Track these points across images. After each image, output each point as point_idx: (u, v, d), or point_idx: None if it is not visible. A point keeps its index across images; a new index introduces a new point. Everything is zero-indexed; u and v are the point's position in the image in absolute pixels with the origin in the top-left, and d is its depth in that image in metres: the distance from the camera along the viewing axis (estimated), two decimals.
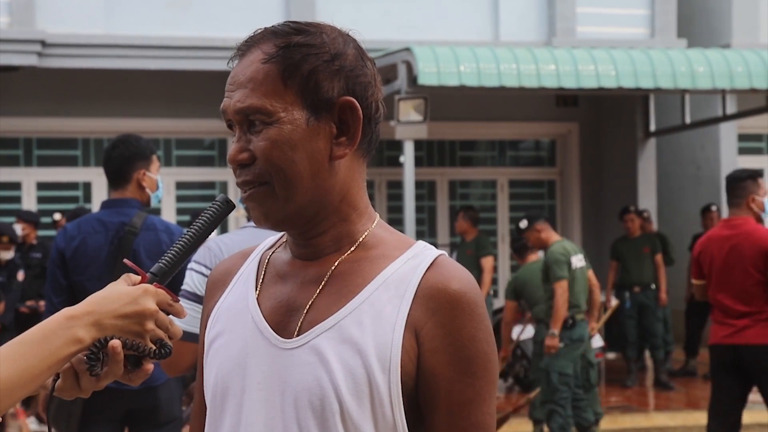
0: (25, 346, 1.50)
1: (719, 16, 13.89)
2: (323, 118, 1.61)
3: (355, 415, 1.56)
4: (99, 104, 12.68)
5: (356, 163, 1.66)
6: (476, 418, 1.59)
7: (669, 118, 13.67)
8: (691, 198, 14.16)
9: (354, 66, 1.63)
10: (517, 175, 14.44)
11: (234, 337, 1.67)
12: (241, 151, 1.62)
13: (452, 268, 1.62)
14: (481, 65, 10.15)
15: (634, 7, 12.90)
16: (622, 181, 13.83)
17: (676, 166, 14.61)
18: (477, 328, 1.58)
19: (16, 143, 12.87)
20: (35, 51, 11.30)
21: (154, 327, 1.58)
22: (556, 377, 7.95)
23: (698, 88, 10.79)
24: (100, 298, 1.56)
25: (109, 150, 4.61)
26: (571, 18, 12.52)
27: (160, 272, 1.63)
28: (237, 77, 1.63)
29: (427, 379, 1.58)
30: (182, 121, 12.98)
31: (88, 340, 1.54)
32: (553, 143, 14.65)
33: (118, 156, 4.57)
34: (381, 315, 1.58)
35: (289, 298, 1.65)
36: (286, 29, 1.63)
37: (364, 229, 1.67)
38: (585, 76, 10.37)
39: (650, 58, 10.60)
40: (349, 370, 1.56)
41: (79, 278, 4.48)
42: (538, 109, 13.91)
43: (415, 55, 10.00)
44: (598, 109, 14.31)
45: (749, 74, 10.70)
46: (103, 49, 11.55)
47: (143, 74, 12.17)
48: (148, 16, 11.76)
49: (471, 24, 12.45)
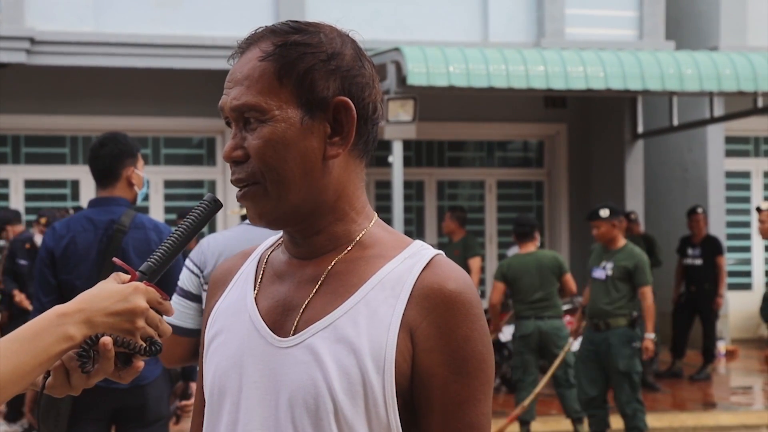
0: (16, 343, 1.50)
1: (707, 19, 13.94)
2: (317, 117, 1.61)
3: (349, 414, 1.56)
4: (88, 102, 12.66)
5: (352, 163, 1.66)
6: (471, 418, 1.59)
7: (657, 120, 13.72)
8: (678, 200, 14.20)
9: (351, 66, 1.63)
10: (505, 176, 14.46)
11: (232, 336, 1.68)
12: (235, 148, 1.62)
13: (448, 268, 1.62)
14: (470, 66, 10.17)
15: (623, 9, 12.94)
16: (609, 182, 13.87)
17: (664, 168, 14.66)
18: (472, 328, 1.59)
19: (4, 140, 12.85)
20: (24, 48, 11.28)
21: (144, 324, 1.59)
22: (637, 377, 8.09)
23: (686, 90, 10.82)
24: (90, 296, 1.57)
25: (96, 148, 4.57)
26: (560, 19, 12.55)
27: (149, 271, 1.63)
28: (235, 75, 1.64)
29: (421, 379, 1.58)
30: (171, 120, 12.97)
31: (79, 337, 1.54)
32: (542, 144, 14.68)
33: (108, 154, 4.55)
34: (376, 315, 1.58)
35: (286, 297, 1.65)
36: (285, 28, 1.64)
37: (361, 229, 1.67)
38: (574, 78, 10.40)
39: (639, 60, 10.63)
40: (343, 370, 1.56)
41: (68, 277, 4.47)
42: (526, 110, 13.93)
43: (405, 56, 10.01)
44: (586, 110, 14.34)
45: (737, 77, 10.74)
46: (92, 47, 11.53)
47: (132, 72, 12.15)
48: (137, 15, 11.75)
49: (460, 25, 12.47)
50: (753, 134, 14.88)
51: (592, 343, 8.22)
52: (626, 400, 8.06)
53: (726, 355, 13.42)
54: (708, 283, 11.95)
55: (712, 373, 12.25)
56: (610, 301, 8.09)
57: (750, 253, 15.09)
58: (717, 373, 12.49)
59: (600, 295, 8.15)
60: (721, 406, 10.64)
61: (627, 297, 8.10)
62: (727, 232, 14.34)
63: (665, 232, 13.89)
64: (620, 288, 8.09)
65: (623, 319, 8.08)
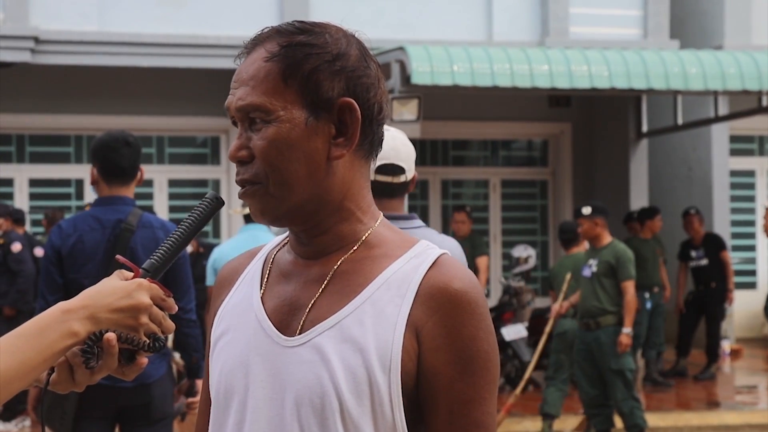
0: (21, 339, 1.51)
1: (712, 18, 13.92)
2: (322, 118, 1.62)
3: (355, 414, 1.56)
4: (92, 101, 12.67)
5: (358, 163, 1.66)
6: (476, 417, 1.59)
7: (661, 118, 13.70)
8: (682, 199, 14.19)
9: (356, 67, 1.64)
10: (509, 175, 14.46)
11: (238, 335, 1.68)
12: (240, 148, 1.63)
13: (454, 267, 1.62)
14: (475, 65, 10.17)
15: (627, 8, 12.93)
16: (614, 181, 13.86)
17: (668, 167, 14.65)
18: (478, 327, 1.59)
19: (8, 140, 12.86)
20: (28, 47, 11.29)
21: (148, 321, 1.59)
22: (630, 375, 8.11)
23: (690, 89, 10.81)
24: (94, 293, 1.58)
25: (119, 146, 4.52)
26: (564, 18, 12.54)
27: (152, 268, 1.64)
28: (241, 75, 1.64)
29: (427, 379, 1.58)
30: (175, 119, 12.98)
31: (83, 333, 1.55)
32: (546, 143, 14.67)
33: (131, 153, 4.54)
34: (382, 314, 1.59)
35: (292, 296, 1.66)
36: (290, 28, 1.64)
37: (366, 228, 1.67)
38: (578, 77, 10.39)
39: (643, 59, 10.62)
40: (349, 370, 1.57)
41: (76, 276, 4.47)
42: (530, 109, 13.92)
43: (409, 55, 10.01)
44: (590, 109, 14.34)
45: (741, 75, 10.73)
46: (96, 46, 11.54)
47: (136, 71, 12.16)
48: (141, 14, 11.76)
49: (464, 24, 12.47)
50: (757, 133, 14.86)
51: (585, 342, 8.26)
52: (621, 398, 8.07)
53: (730, 354, 13.41)
54: (715, 282, 11.92)
55: (716, 372, 12.24)
56: (597, 299, 8.13)
57: (755, 252, 15.07)
58: (721, 373, 12.48)
59: (588, 294, 8.20)
60: (726, 406, 10.63)
61: (614, 294, 8.10)
62: (732, 231, 14.33)
63: (670, 230, 13.87)
64: (606, 285, 8.11)
65: (612, 317, 8.09)
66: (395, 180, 3.56)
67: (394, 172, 3.55)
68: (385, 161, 3.53)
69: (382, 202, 3.57)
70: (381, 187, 3.55)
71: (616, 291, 8.09)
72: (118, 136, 4.58)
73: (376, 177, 3.53)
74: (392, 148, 3.55)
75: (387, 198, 3.58)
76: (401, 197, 3.65)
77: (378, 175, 3.52)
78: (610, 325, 8.07)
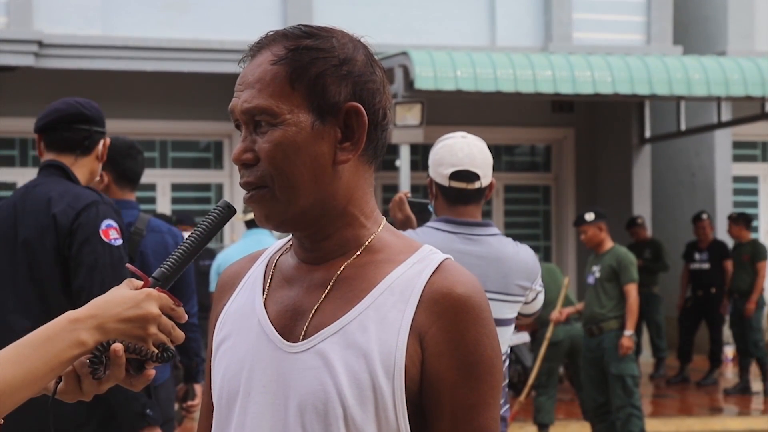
0: (28, 348, 1.51)
1: (715, 24, 13.92)
2: (328, 122, 1.61)
3: (359, 419, 1.56)
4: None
5: (362, 168, 1.66)
6: (480, 422, 1.58)
7: (664, 124, 13.70)
8: (685, 205, 14.18)
9: (362, 72, 1.63)
10: (512, 180, 14.45)
11: (241, 340, 1.67)
12: (245, 151, 1.62)
13: (457, 272, 1.62)
14: (478, 70, 10.18)
15: (631, 13, 12.92)
16: (617, 187, 13.85)
17: (671, 173, 14.64)
18: (481, 332, 1.58)
19: (12, 144, 12.87)
20: (32, 51, 11.30)
21: (156, 331, 1.58)
22: (631, 381, 8.05)
23: (694, 94, 10.82)
24: (103, 302, 1.57)
25: (135, 153, 4.63)
26: (567, 24, 12.54)
27: (162, 277, 1.63)
28: (246, 78, 1.63)
29: (431, 384, 1.58)
30: (178, 123, 12.97)
31: (91, 343, 1.54)
32: (549, 149, 14.67)
33: (143, 160, 4.69)
34: (386, 320, 1.58)
35: (295, 302, 1.65)
36: (297, 32, 1.63)
37: (370, 234, 1.66)
38: (581, 82, 10.39)
39: (646, 65, 10.62)
40: (353, 375, 1.56)
41: None
42: (533, 114, 13.92)
43: (412, 60, 10.02)
44: (593, 115, 14.33)
45: (744, 81, 10.73)
46: (100, 50, 11.54)
47: (140, 76, 12.16)
48: (145, 18, 11.76)
49: (468, 29, 12.47)
50: (760, 139, 14.84)
51: (589, 349, 8.25)
52: (620, 404, 8.03)
53: (733, 360, 13.40)
54: (715, 288, 11.93)
55: (719, 378, 12.23)
56: (600, 305, 8.13)
57: None
58: (724, 378, 12.47)
59: (592, 300, 8.20)
60: (728, 411, 10.63)
61: (617, 300, 8.09)
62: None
63: (672, 236, 13.87)
64: (609, 290, 8.10)
65: (615, 322, 8.08)
66: (470, 186, 3.56)
67: (469, 179, 3.55)
68: (460, 167, 3.52)
69: (457, 208, 3.57)
70: (455, 193, 3.54)
71: (620, 296, 8.08)
72: (130, 144, 4.67)
73: (450, 183, 3.53)
74: (467, 155, 3.55)
75: (462, 204, 3.57)
76: (477, 204, 3.62)
77: (453, 181, 3.52)
78: (612, 330, 8.06)
